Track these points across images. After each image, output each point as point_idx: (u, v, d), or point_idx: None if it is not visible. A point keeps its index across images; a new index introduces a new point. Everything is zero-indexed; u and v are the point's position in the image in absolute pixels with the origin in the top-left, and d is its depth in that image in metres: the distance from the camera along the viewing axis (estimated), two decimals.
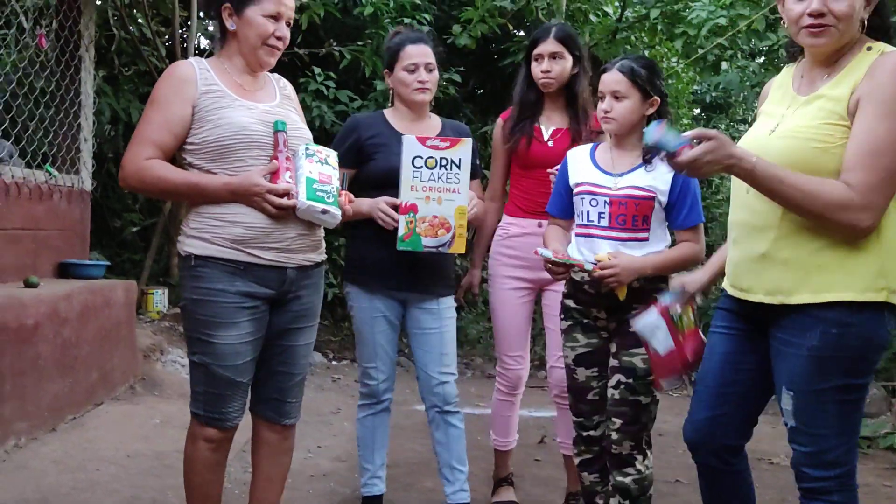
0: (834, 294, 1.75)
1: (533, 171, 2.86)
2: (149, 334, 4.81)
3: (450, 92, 6.17)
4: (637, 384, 2.33)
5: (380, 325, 2.69)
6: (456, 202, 2.50)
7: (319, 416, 4.27)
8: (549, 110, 2.90)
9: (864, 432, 4.11)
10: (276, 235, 2.08)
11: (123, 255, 6.29)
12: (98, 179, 5.70)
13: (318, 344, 6.13)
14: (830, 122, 1.75)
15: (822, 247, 1.78)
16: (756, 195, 1.83)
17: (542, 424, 4.17)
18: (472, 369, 6.07)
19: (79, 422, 3.57)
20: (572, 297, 2.43)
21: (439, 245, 2.51)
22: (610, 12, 6.86)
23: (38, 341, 3.32)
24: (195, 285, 2.07)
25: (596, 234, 2.35)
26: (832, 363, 1.78)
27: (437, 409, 2.72)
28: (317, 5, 5.64)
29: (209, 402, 2.12)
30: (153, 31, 5.52)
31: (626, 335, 2.33)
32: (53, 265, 4.11)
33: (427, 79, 2.66)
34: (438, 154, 2.48)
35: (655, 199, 2.32)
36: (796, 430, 1.85)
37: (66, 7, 4.15)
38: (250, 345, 2.11)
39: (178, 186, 2.08)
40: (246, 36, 2.13)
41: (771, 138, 1.85)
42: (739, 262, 1.93)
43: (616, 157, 2.39)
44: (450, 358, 2.72)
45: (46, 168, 4.01)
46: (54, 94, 4.20)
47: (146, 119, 2.09)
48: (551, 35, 2.82)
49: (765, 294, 1.85)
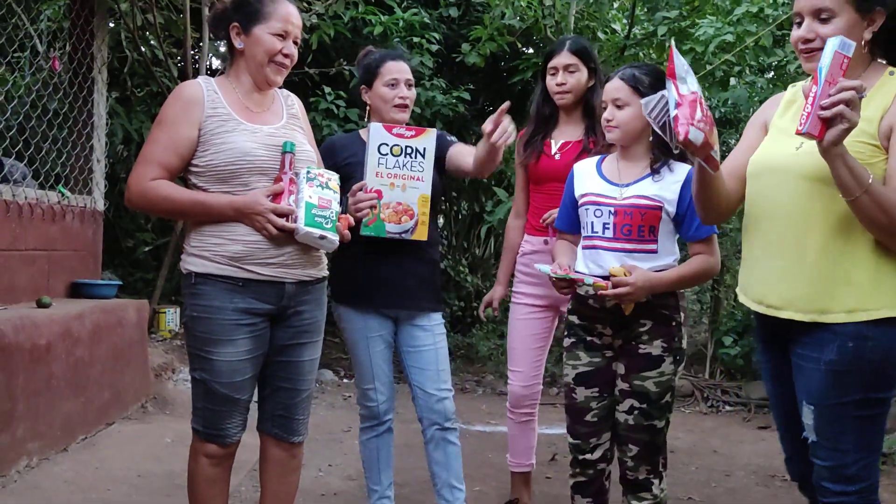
0: (870, 314, 1.77)
1: (543, 185, 2.87)
2: (160, 353, 4.83)
3: (459, 109, 6.20)
4: (651, 409, 2.27)
5: (376, 345, 2.68)
6: (419, 190, 2.52)
7: (330, 434, 4.26)
8: (563, 124, 2.91)
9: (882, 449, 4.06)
10: (272, 252, 2.10)
11: (136, 275, 6.34)
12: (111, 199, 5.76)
13: (328, 361, 6.14)
14: (861, 140, 1.77)
15: (855, 263, 1.80)
16: (795, 207, 1.83)
17: (553, 441, 4.14)
18: (483, 386, 6.05)
19: (90, 441, 3.58)
20: (576, 313, 2.39)
21: (402, 231, 2.51)
22: (618, 29, 6.89)
23: (50, 361, 3.34)
24: (194, 302, 2.10)
25: (601, 246, 2.29)
26: (850, 377, 1.79)
27: (437, 426, 2.69)
28: (326, 25, 5.70)
29: (208, 419, 2.13)
30: (165, 53, 5.59)
31: (635, 356, 2.28)
32: (66, 285, 4.14)
33: (407, 95, 2.68)
34: (404, 142, 2.50)
35: (663, 210, 2.26)
36: (817, 445, 1.86)
37: (80, 30, 4.22)
38: (249, 362, 2.13)
39: (184, 205, 2.10)
40: (254, 54, 2.15)
41: (800, 154, 1.85)
42: (766, 277, 1.93)
43: (623, 167, 2.35)
44: (446, 374, 2.71)
45: (59, 189, 4.05)
46: (67, 115, 4.26)
47: (153, 139, 2.11)
48: (566, 48, 2.84)
49: (795, 311, 1.85)
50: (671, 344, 2.28)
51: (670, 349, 2.28)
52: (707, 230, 2.27)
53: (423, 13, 6.32)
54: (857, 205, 1.72)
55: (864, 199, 1.70)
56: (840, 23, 1.81)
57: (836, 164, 1.69)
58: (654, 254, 2.27)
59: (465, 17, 6.89)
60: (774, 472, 3.85)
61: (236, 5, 2.18)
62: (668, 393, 2.30)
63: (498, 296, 3.09)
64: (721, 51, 5.02)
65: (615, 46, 6.54)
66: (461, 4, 6.88)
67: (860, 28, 1.81)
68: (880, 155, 1.79)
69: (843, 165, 1.69)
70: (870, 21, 1.81)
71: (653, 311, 2.25)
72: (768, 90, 5.23)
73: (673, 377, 2.29)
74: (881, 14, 1.81)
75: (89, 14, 4.27)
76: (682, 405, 5.44)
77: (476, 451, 4.06)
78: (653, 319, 2.27)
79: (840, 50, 1.67)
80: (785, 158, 1.89)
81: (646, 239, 2.27)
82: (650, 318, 2.26)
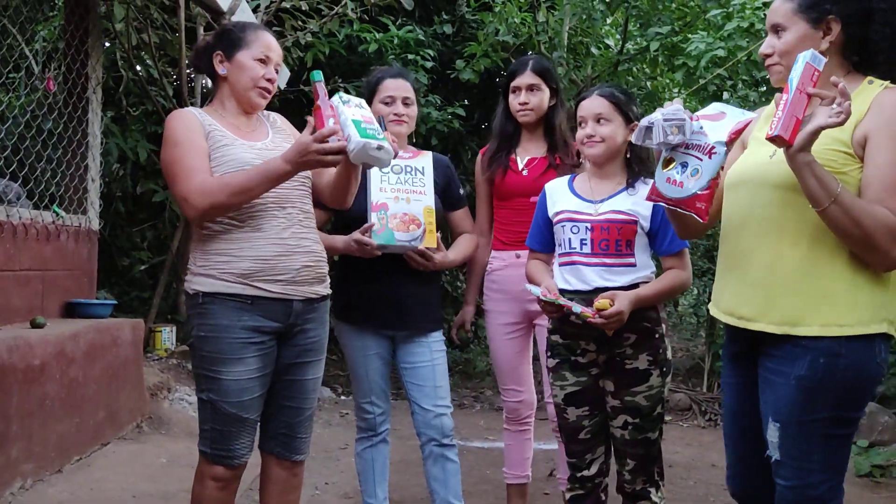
0: (843, 329, 1.73)
1: (510, 201, 2.89)
2: (156, 372, 4.81)
3: (454, 125, 6.22)
4: (644, 422, 2.30)
5: (373, 363, 2.70)
6: (423, 202, 2.58)
7: (327, 452, 4.24)
8: (526, 141, 2.94)
9: (877, 460, 4.06)
10: (282, 267, 2.11)
11: (132, 294, 6.33)
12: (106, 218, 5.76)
13: (326, 379, 6.11)
14: (833, 148, 1.75)
15: (832, 276, 1.76)
16: (768, 216, 1.81)
17: (550, 457, 4.12)
18: (480, 402, 6.03)
19: (85, 462, 3.55)
20: (558, 332, 2.40)
21: (412, 239, 2.54)
22: (611, 45, 6.93)
23: (44, 382, 3.32)
24: (202, 322, 2.10)
25: (580, 262, 2.33)
26: (820, 394, 1.75)
27: (435, 442, 2.68)
28: (321, 43, 5.73)
29: (216, 440, 2.12)
30: (160, 72, 5.61)
31: (623, 373, 2.30)
32: (60, 305, 4.13)
33: (404, 112, 2.70)
34: (403, 162, 2.59)
35: (638, 224, 2.30)
36: (780, 464, 1.80)
37: (74, 50, 4.23)
38: (257, 381, 2.13)
39: (251, 180, 2.05)
40: (238, 79, 2.21)
41: (772, 163, 1.84)
42: (738, 288, 1.89)
43: (595, 185, 2.39)
44: (444, 391, 2.71)
45: (54, 209, 4.05)
46: (62, 135, 4.26)
47: (177, 156, 2.11)
48: (528, 68, 2.87)
49: (768, 323, 1.81)
50: (656, 357, 2.30)
51: (656, 362, 2.30)
52: (679, 245, 2.32)
53: (418, 30, 6.36)
54: (826, 215, 1.69)
55: (833, 209, 1.67)
56: (791, 35, 1.83)
57: (803, 172, 1.67)
58: (633, 267, 2.31)
59: (460, 33, 6.93)
60: None
61: (218, 36, 2.28)
62: (659, 405, 2.32)
63: (469, 316, 3.09)
64: (713, 65, 5.05)
65: (609, 62, 6.57)
66: (455, 21, 6.93)
67: (815, 39, 1.81)
68: (854, 163, 1.76)
69: (810, 175, 1.67)
70: (825, 31, 1.81)
71: (635, 324, 2.27)
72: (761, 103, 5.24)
73: (662, 389, 2.31)
74: (836, 22, 1.80)
75: (84, 34, 4.29)
76: (680, 419, 5.42)
77: (474, 468, 4.04)
78: (636, 333, 2.28)
79: (811, 62, 1.68)
80: (758, 167, 1.88)
81: (623, 253, 2.31)
82: (633, 331, 2.28)
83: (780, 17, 1.85)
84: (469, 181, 7.37)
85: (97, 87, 4.42)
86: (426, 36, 6.50)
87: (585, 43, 6.58)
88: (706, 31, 5.36)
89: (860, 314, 1.74)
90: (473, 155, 7.23)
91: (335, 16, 5.57)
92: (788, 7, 1.84)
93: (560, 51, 6.16)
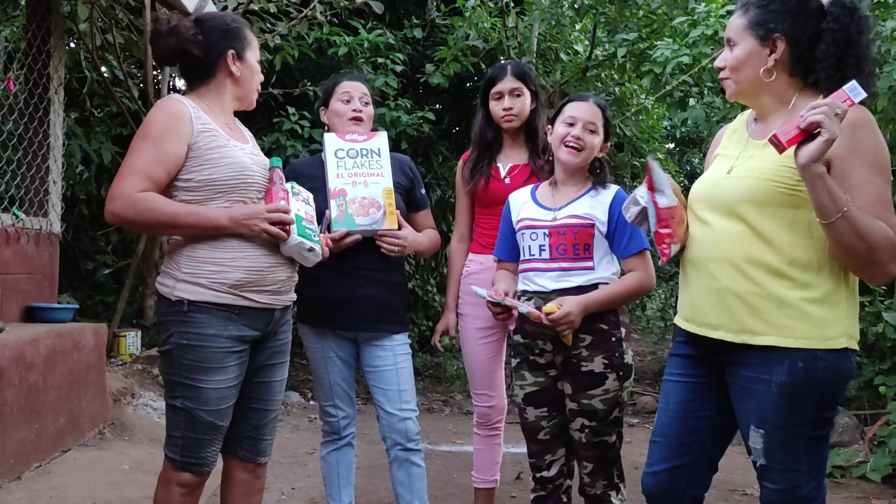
0: (799, 342, 1.75)
1: (492, 208, 2.88)
2: (120, 377, 4.73)
3: (424, 129, 6.23)
4: (601, 426, 2.31)
5: (333, 365, 2.69)
6: (381, 184, 2.57)
7: (294, 456, 4.20)
8: (507, 147, 2.93)
9: (837, 461, 4.12)
10: (271, 278, 2.11)
11: (96, 298, 6.22)
12: (70, 221, 5.67)
13: (295, 383, 6.08)
14: (786, 165, 1.76)
15: (797, 292, 1.77)
16: (724, 231, 1.83)
17: (518, 460, 4.13)
18: (450, 406, 6.03)
19: (45, 469, 3.48)
20: (520, 332, 2.42)
21: (372, 223, 2.54)
22: (580, 50, 7.00)
23: (2, 387, 3.25)
24: (185, 330, 2.05)
25: (540, 268, 2.34)
26: (804, 398, 1.77)
27: (399, 447, 2.66)
28: (290, 46, 5.70)
29: (188, 447, 2.09)
30: (125, 73, 5.53)
31: (579, 375, 2.31)
32: (21, 309, 4.05)
33: (361, 108, 2.70)
34: (358, 146, 2.59)
35: (595, 227, 2.32)
36: (767, 468, 1.82)
37: (36, 51, 4.16)
38: (234, 388, 2.12)
39: (179, 215, 2.03)
40: (248, 79, 2.21)
41: (729, 178, 1.87)
42: (700, 297, 1.90)
43: (556, 193, 2.42)
44: (409, 394, 2.68)
45: (14, 211, 3.97)
46: (22, 136, 4.19)
47: (139, 151, 2.05)
48: (509, 72, 2.86)
49: (726, 332, 1.83)
50: (612, 360, 2.30)
51: (612, 365, 2.30)
52: (637, 245, 2.32)
53: (388, 34, 6.37)
54: (833, 228, 1.67)
55: (840, 222, 1.66)
56: (740, 50, 1.87)
57: (815, 184, 1.66)
58: (591, 270, 2.33)
59: (430, 38, 6.95)
60: (735, 487, 3.87)
61: (224, 33, 2.18)
62: (617, 408, 2.32)
63: (452, 323, 3.02)
64: (679, 71, 5.12)
65: (577, 67, 6.64)
66: (425, 26, 6.95)
67: (762, 55, 1.84)
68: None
69: (822, 187, 1.65)
70: (771, 48, 1.84)
71: (591, 326, 2.28)
72: (725, 110, 5.34)
73: (619, 392, 2.32)
74: (781, 40, 1.83)
75: (46, 34, 4.22)
76: (646, 422, 5.46)
77: (441, 472, 4.04)
78: (591, 335, 2.29)
79: (847, 90, 1.67)
80: (714, 183, 1.91)
81: (581, 257, 2.32)
82: (588, 333, 2.29)
83: (732, 32, 1.90)
84: (439, 185, 7.41)
85: (59, 87, 4.35)
86: (396, 40, 6.51)
87: (554, 48, 6.65)
88: (672, 39, 5.43)
89: (818, 331, 1.76)
90: (444, 159, 7.27)
91: (304, 18, 5.54)
92: (741, 22, 1.88)
93: (529, 56, 6.22)
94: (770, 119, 1.89)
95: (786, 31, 1.82)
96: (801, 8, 1.82)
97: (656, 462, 1.98)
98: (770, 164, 1.80)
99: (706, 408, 1.94)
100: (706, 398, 1.94)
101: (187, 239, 2.09)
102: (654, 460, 1.99)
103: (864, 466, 4.08)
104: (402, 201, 2.69)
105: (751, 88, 1.89)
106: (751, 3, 1.87)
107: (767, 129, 1.87)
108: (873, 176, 1.73)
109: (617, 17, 6.01)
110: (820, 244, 1.76)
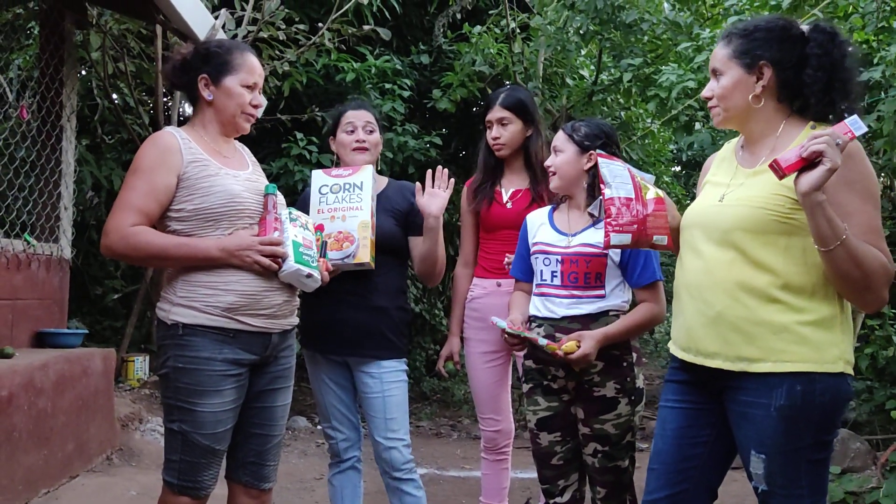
0: (796, 365, 1.76)
1: (495, 232, 2.91)
2: (128, 402, 4.73)
3: (431, 154, 6.27)
4: (613, 450, 2.31)
5: (326, 388, 2.71)
6: (359, 218, 2.59)
7: (301, 482, 4.19)
8: (509, 173, 2.97)
9: (850, 487, 4.07)
10: (266, 302, 2.11)
11: (104, 323, 6.24)
12: (79, 247, 5.70)
13: (302, 408, 6.06)
14: (779, 194, 1.78)
15: (792, 316, 1.77)
16: (716, 258, 1.83)
17: (527, 486, 4.10)
18: (458, 431, 6.00)
19: (53, 495, 3.48)
20: (532, 357, 2.42)
21: (344, 256, 2.55)
22: (586, 75, 7.05)
23: (12, 413, 3.26)
24: (180, 353, 2.07)
25: (551, 294, 2.36)
26: (803, 422, 1.77)
27: (388, 475, 2.64)
28: (298, 73, 5.76)
29: (185, 471, 2.09)
30: (136, 100, 5.60)
31: (591, 400, 2.31)
32: (30, 335, 4.07)
33: (365, 138, 2.73)
34: (342, 180, 2.64)
35: (608, 256, 2.32)
36: (769, 494, 1.82)
37: (49, 79, 4.21)
38: (231, 412, 2.12)
39: (168, 248, 2.07)
40: (225, 105, 2.19)
41: (721, 206, 1.88)
42: (695, 324, 1.90)
43: (571, 217, 2.43)
44: (396, 423, 2.61)
45: (25, 237, 4.00)
46: (35, 163, 4.23)
47: (130, 186, 2.09)
48: (498, 102, 2.92)
49: (724, 360, 1.83)
50: (624, 385, 2.31)
51: (624, 390, 2.31)
52: (650, 276, 2.33)
53: (395, 60, 6.43)
54: (831, 256, 1.69)
55: (839, 251, 1.68)
56: (727, 80, 1.89)
57: (815, 212, 1.67)
58: (602, 298, 2.33)
59: (437, 63, 7.01)
60: None
61: (203, 56, 2.20)
62: (629, 433, 2.33)
63: (456, 348, 3.02)
64: (685, 96, 5.15)
65: (583, 92, 6.68)
66: (432, 52, 7.01)
67: (748, 83, 1.87)
68: (800, 211, 1.74)
69: (822, 215, 1.66)
70: (758, 76, 1.86)
71: (603, 352, 2.28)
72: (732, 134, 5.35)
73: (632, 417, 2.32)
74: (768, 67, 1.85)
75: (59, 63, 4.28)
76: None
77: (450, 497, 4.01)
78: (603, 360, 2.29)
79: (848, 123, 1.68)
80: (707, 211, 1.92)
81: (592, 285, 2.33)
82: (600, 358, 2.29)
83: (717, 63, 1.92)
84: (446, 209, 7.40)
85: (71, 115, 4.40)
86: (403, 66, 6.57)
87: (560, 73, 6.69)
88: (677, 64, 5.47)
89: (815, 355, 1.76)
90: None
91: (312, 45, 5.60)
92: (725, 53, 1.91)
93: (535, 81, 6.26)
94: (758, 146, 1.91)
95: (772, 58, 1.85)
96: (785, 35, 1.85)
97: (654, 489, 1.97)
98: (763, 193, 1.81)
99: (703, 434, 1.94)
100: (703, 424, 1.94)
101: None
102: (653, 488, 1.98)
103: (876, 492, 4.02)
104: (396, 226, 2.70)
105: (739, 116, 1.91)
106: (733, 34, 1.91)
107: (755, 157, 1.90)
108: (865, 204, 1.76)
109: (622, 42, 6.05)
110: (815, 269, 1.77)
